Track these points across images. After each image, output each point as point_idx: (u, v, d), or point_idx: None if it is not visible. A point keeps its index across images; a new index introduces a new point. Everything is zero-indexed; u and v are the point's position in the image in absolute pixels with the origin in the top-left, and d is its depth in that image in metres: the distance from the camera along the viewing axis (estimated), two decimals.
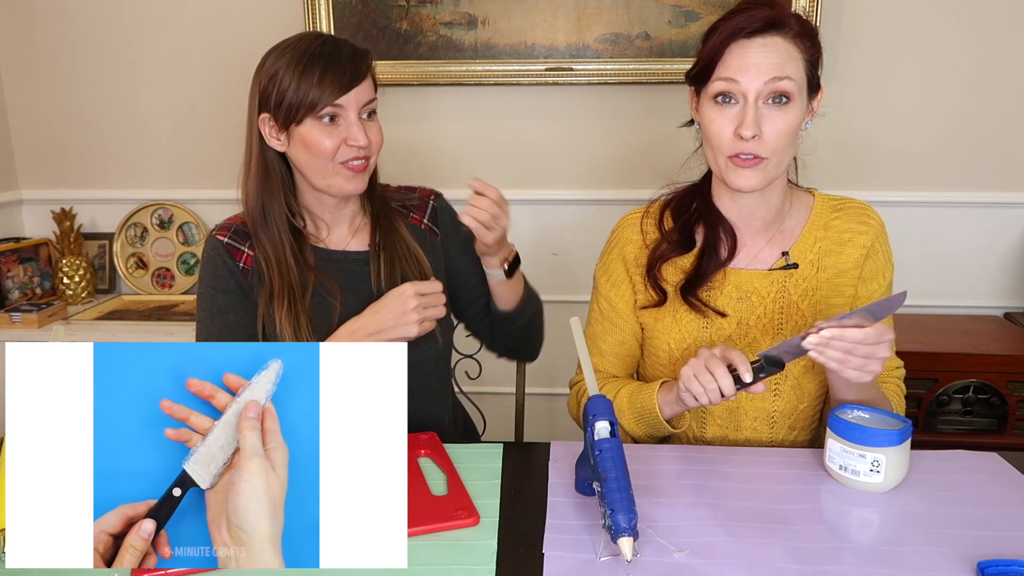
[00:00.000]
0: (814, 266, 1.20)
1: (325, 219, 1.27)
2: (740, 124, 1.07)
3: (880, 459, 0.96)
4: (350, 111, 1.15)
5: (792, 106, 1.08)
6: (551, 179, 2.29)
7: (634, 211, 1.29)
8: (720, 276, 1.20)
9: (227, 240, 1.25)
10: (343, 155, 1.16)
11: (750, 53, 1.06)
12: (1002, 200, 2.19)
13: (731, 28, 1.07)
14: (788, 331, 1.19)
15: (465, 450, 1.11)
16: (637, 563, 0.82)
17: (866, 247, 1.20)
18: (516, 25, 2.14)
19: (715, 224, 1.20)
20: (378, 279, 1.25)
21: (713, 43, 1.08)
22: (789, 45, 1.07)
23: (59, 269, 2.31)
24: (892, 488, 0.98)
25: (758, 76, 1.06)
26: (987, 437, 1.96)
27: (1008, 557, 0.82)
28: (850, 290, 1.21)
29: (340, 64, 1.14)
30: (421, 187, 1.38)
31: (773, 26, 1.06)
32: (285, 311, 1.19)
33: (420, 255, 1.28)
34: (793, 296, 1.19)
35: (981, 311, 2.26)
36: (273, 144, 1.20)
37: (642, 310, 1.25)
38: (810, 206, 1.24)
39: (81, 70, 2.31)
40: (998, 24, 2.09)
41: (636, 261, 1.25)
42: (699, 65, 1.12)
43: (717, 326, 1.20)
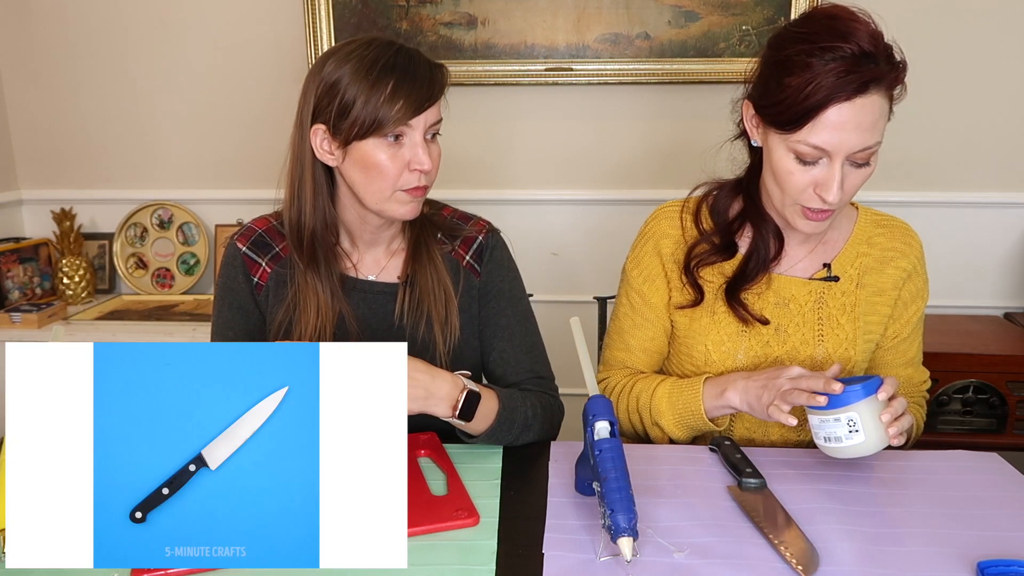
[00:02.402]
0: (854, 282, 1.19)
1: (364, 239, 1.19)
2: (824, 186, 1.03)
3: (854, 417, 0.96)
4: (417, 132, 1.06)
5: (874, 159, 1.04)
6: (551, 179, 2.29)
7: (671, 203, 1.25)
8: (764, 280, 1.18)
9: (245, 250, 1.18)
10: (405, 182, 1.07)
11: (847, 120, 0.98)
12: (1002, 200, 2.20)
13: (828, 87, 0.96)
14: (829, 345, 1.17)
15: (465, 450, 1.11)
16: (637, 563, 0.82)
17: (907, 270, 1.20)
18: (516, 25, 2.14)
19: (763, 227, 1.17)
20: (401, 313, 1.18)
21: (806, 98, 0.98)
22: (882, 101, 1.00)
23: (59, 269, 2.31)
24: (879, 447, 0.96)
25: (851, 144, 0.99)
26: (987, 437, 1.96)
27: (1008, 557, 0.82)
28: (886, 310, 1.20)
29: (416, 79, 1.04)
30: (477, 219, 1.26)
31: (872, 82, 0.98)
32: (308, 335, 1.14)
33: (450, 295, 1.18)
34: (832, 309, 1.18)
35: (981, 311, 2.26)
36: (324, 158, 1.09)
37: (677, 309, 1.22)
38: (853, 219, 1.22)
39: (81, 70, 2.31)
40: (998, 24, 2.09)
41: (673, 256, 1.22)
42: (781, 112, 1.02)
43: (756, 331, 1.18)
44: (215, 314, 1.21)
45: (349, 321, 1.17)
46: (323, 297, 1.15)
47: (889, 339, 1.22)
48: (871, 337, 1.20)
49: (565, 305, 2.18)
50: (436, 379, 1.02)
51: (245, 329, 1.20)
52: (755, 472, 1.00)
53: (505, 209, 2.19)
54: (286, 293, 1.17)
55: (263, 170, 2.27)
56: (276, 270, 1.19)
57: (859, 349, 1.18)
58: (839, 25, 0.99)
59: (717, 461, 1.08)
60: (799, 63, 0.99)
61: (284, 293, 1.17)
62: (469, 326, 1.22)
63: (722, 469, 1.05)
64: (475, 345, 1.24)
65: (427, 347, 1.18)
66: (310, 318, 1.14)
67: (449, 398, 1.02)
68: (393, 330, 1.19)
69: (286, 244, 1.18)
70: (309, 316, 1.14)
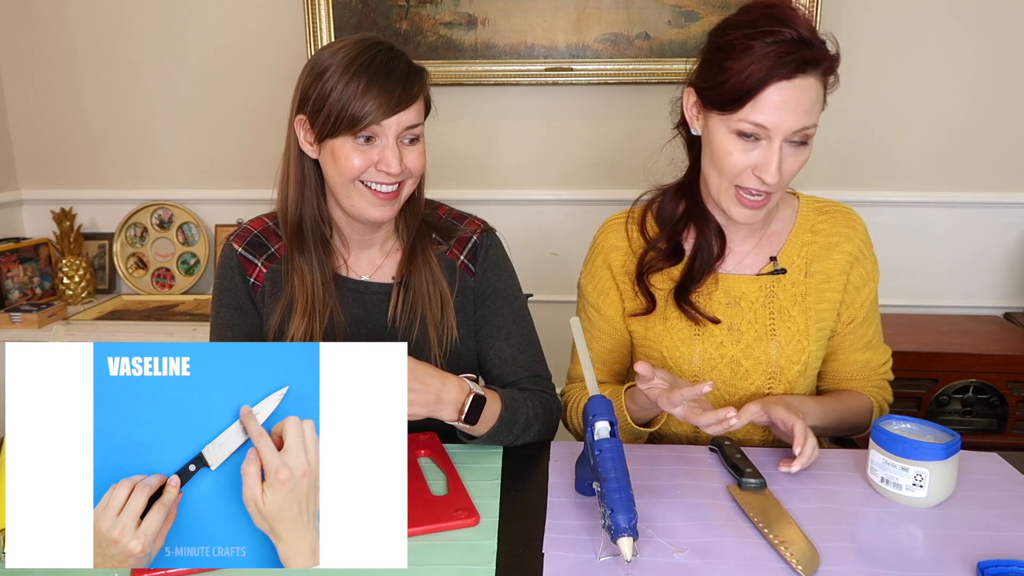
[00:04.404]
0: (802, 271, 1.20)
1: (353, 239, 1.19)
2: (762, 167, 1.05)
3: (924, 473, 0.93)
4: (388, 134, 1.05)
5: (809, 143, 1.07)
6: (551, 179, 2.29)
7: (616, 216, 1.27)
8: (711, 281, 1.20)
9: (241, 251, 1.19)
10: (370, 177, 1.07)
11: (786, 99, 1.01)
12: (1002, 200, 2.20)
13: (769, 66, 1.00)
14: (781, 338, 1.18)
15: (465, 450, 1.11)
16: (637, 563, 0.82)
17: (853, 254, 1.21)
18: (516, 25, 2.14)
19: (705, 227, 1.19)
20: (394, 314, 1.18)
21: (748, 77, 1.01)
22: (818, 85, 1.04)
23: (59, 269, 2.31)
24: (937, 504, 0.95)
25: (790, 124, 1.02)
26: (987, 437, 1.96)
27: (1008, 557, 0.82)
28: (836, 296, 1.21)
29: (391, 80, 1.03)
30: (471, 218, 1.26)
31: (810, 63, 1.01)
32: (301, 333, 1.14)
33: (446, 296, 1.18)
34: (784, 302, 1.19)
35: (981, 311, 2.26)
36: (306, 148, 1.10)
37: (631, 317, 1.24)
38: (795, 208, 1.24)
39: (81, 70, 2.31)
40: (999, 24, 2.09)
41: (623, 268, 1.24)
42: (723, 93, 1.04)
43: (709, 332, 1.19)
44: (213, 315, 1.21)
45: (340, 319, 1.17)
46: (313, 290, 1.14)
47: (844, 324, 1.23)
48: (824, 325, 1.21)
49: (565, 305, 2.17)
50: (446, 384, 1.01)
51: (243, 329, 1.20)
52: (755, 472, 1.00)
53: (504, 209, 2.19)
54: (282, 292, 1.17)
55: (263, 170, 2.26)
56: (272, 269, 1.19)
57: (812, 339, 1.19)
58: (777, 12, 1.03)
59: (717, 461, 1.08)
60: (740, 46, 1.03)
61: (280, 292, 1.17)
62: (464, 326, 1.22)
63: (722, 469, 1.05)
64: (471, 345, 1.24)
65: (421, 349, 1.18)
66: (302, 312, 1.14)
67: (456, 402, 1.02)
68: (386, 331, 1.19)
69: (282, 244, 1.19)
70: (301, 309, 1.14)
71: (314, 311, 1.14)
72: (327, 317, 1.16)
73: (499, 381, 1.22)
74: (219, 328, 1.21)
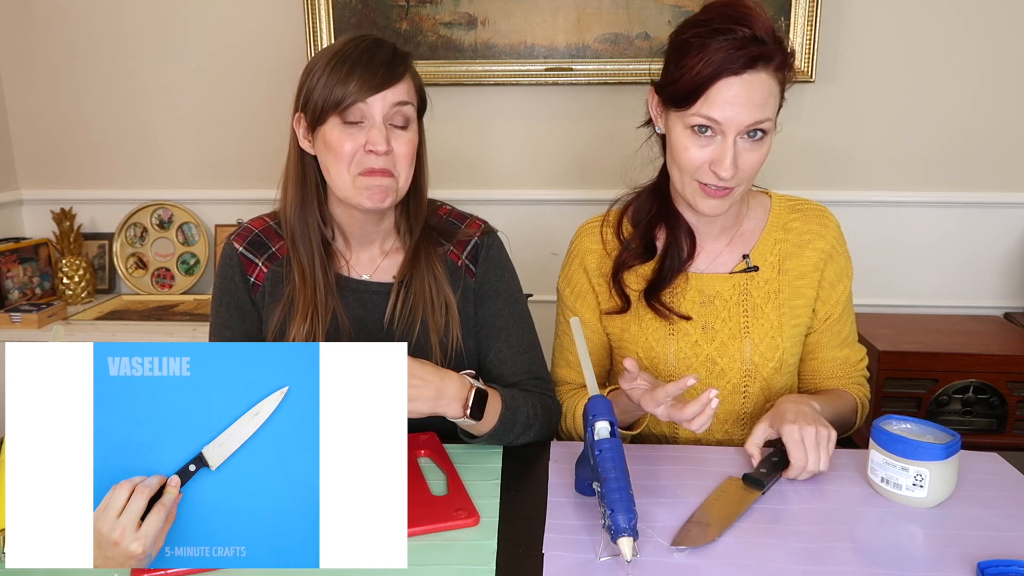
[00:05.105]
0: (775, 268, 1.21)
1: (355, 236, 1.19)
2: (717, 161, 1.07)
3: (924, 473, 0.93)
4: (375, 113, 1.06)
5: (767, 138, 1.08)
6: (551, 179, 2.29)
7: (592, 219, 1.28)
8: (682, 280, 1.20)
9: (242, 250, 1.19)
10: (361, 162, 1.07)
11: (736, 94, 1.03)
12: (1002, 200, 2.20)
13: (718, 61, 1.02)
14: (755, 335, 1.19)
15: (465, 450, 1.11)
16: (637, 563, 0.82)
17: (826, 251, 1.21)
18: (516, 25, 2.14)
19: (676, 226, 1.20)
20: (392, 314, 1.17)
21: (698, 73, 1.03)
22: (771, 80, 1.05)
23: (59, 269, 2.31)
24: (937, 504, 0.95)
25: (742, 119, 1.04)
26: (987, 437, 1.96)
27: (1008, 557, 0.82)
28: (810, 292, 1.21)
29: (372, 63, 1.06)
30: (473, 219, 1.26)
31: (760, 59, 1.03)
32: (303, 336, 1.13)
33: (451, 303, 1.18)
34: (757, 299, 1.20)
35: (981, 311, 2.26)
36: (304, 146, 1.12)
37: (607, 316, 1.24)
38: (767, 207, 1.24)
39: (81, 70, 2.31)
40: (999, 25, 2.09)
41: (599, 270, 1.25)
42: (677, 89, 1.07)
43: (683, 331, 1.20)
44: (213, 314, 1.21)
45: (343, 320, 1.17)
46: (315, 293, 1.14)
47: (820, 321, 1.23)
48: (798, 322, 1.21)
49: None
50: (445, 379, 1.01)
51: (243, 329, 1.20)
52: (761, 474, 0.99)
53: (504, 209, 2.19)
54: (282, 293, 1.17)
55: (263, 170, 2.27)
56: (272, 270, 1.19)
57: (786, 336, 1.19)
58: (732, 11, 1.05)
59: (717, 461, 1.07)
60: (696, 44, 1.05)
61: (280, 293, 1.17)
62: (465, 326, 1.22)
63: (722, 469, 1.05)
64: (471, 346, 1.23)
65: (421, 350, 1.17)
66: (304, 315, 1.14)
67: (460, 397, 1.02)
68: (383, 332, 1.18)
69: (283, 244, 1.18)
70: (302, 313, 1.14)
71: (316, 314, 1.14)
72: (329, 320, 1.15)
73: (499, 382, 1.22)
74: (218, 327, 1.20)
